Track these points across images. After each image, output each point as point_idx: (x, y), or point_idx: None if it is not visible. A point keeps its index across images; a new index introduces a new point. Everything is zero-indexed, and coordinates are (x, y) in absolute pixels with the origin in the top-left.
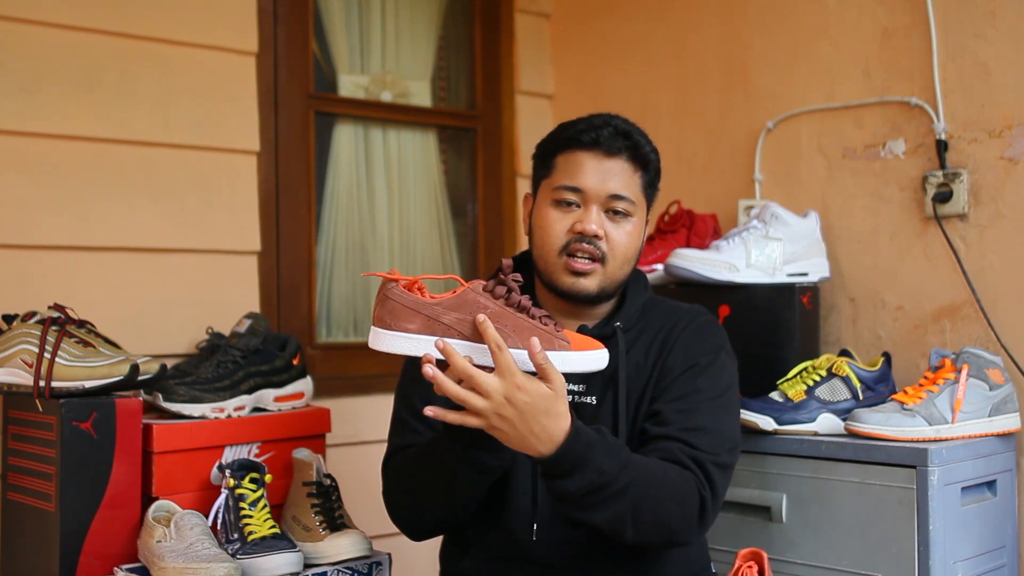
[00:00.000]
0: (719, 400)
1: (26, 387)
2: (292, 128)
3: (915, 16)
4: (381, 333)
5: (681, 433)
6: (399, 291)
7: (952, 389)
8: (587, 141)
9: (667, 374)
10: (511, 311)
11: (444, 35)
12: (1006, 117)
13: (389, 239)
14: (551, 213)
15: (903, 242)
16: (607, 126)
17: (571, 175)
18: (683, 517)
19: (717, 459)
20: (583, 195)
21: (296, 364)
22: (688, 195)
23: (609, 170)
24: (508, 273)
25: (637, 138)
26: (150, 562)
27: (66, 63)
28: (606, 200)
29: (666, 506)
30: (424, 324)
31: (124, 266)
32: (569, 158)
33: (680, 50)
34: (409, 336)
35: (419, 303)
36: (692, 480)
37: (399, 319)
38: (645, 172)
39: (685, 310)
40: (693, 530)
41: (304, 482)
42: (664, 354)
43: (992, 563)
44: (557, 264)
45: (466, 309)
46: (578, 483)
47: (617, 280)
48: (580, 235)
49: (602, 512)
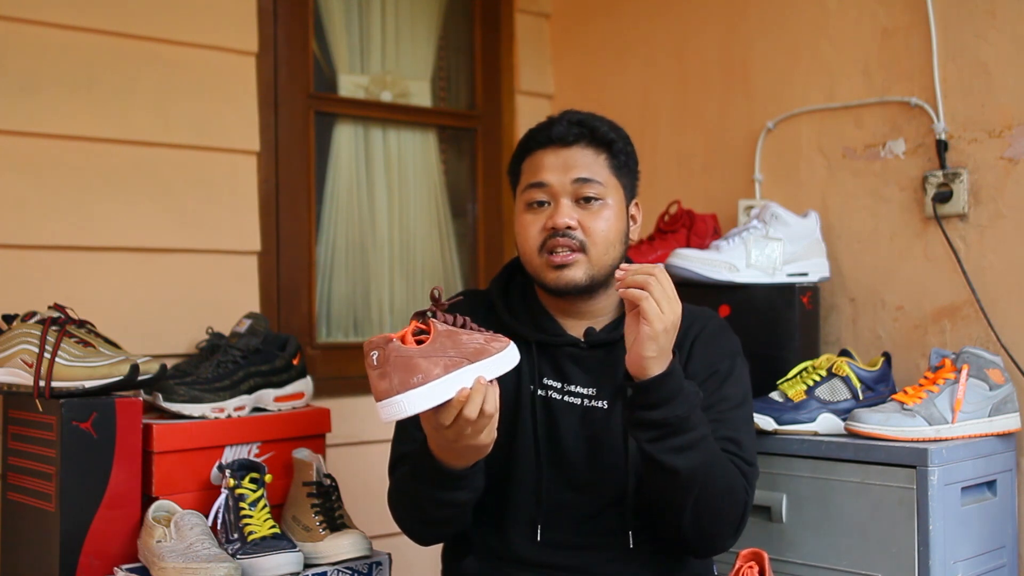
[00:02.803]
0: (743, 408)
1: (26, 387)
2: (292, 128)
3: (915, 16)
4: (411, 395)
5: (719, 443)
6: (405, 347)
7: (952, 389)
8: (543, 140)
9: (691, 380)
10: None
11: (444, 35)
12: (1006, 117)
13: (389, 239)
14: (525, 217)
15: (903, 242)
16: (561, 120)
17: (534, 173)
18: (732, 511)
19: (751, 467)
20: (550, 190)
21: (296, 364)
22: (688, 195)
23: (569, 158)
24: (441, 300)
25: (593, 123)
26: (150, 562)
27: (66, 63)
28: (573, 189)
29: (722, 492)
30: (444, 364)
31: (124, 266)
32: (532, 160)
33: (680, 50)
34: (443, 380)
35: (429, 349)
36: (741, 480)
37: (422, 371)
38: (610, 154)
39: (696, 313)
40: (732, 533)
41: (304, 482)
42: (682, 360)
43: (992, 563)
44: (540, 264)
45: (451, 338)
46: (660, 415)
47: (605, 266)
48: (554, 230)
49: (675, 457)
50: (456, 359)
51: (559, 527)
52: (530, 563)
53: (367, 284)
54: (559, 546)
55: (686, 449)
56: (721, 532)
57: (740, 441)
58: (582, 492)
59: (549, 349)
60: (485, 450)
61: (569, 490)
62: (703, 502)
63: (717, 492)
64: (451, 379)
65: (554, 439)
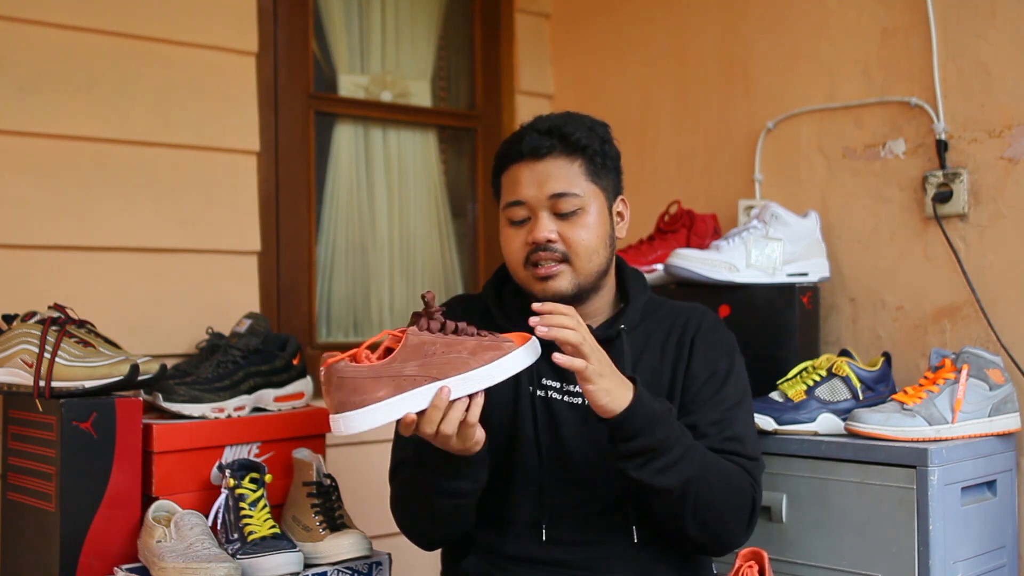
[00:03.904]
0: (743, 405)
1: (26, 387)
2: (292, 128)
3: (915, 16)
4: (353, 415)
5: (723, 444)
6: (351, 367)
7: (952, 389)
8: (514, 154)
9: (692, 381)
10: (454, 337)
11: (444, 35)
12: (1006, 117)
13: (389, 239)
14: (507, 232)
15: (903, 242)
16: (531, 131)
17: (511, 191)
18: (738, 509)
19: (755, 462)
20: (528, 206)
21: (296, 364)
22: (688, 195)
23: (543, 173)
24: (432, 305)
25: (565, 129)
26: (150, 562)
27: (66, 63)
28: (550, 203)
29: (723, 494)
30: (394, 385)
31: (124, 266)
32: (508, 175)
33: (680, 50)
34: (386, 403)
35: (378, 368)
36: (745, 477)
37: (366, 392)
38: (585, 159)
39: (690, 310)
40: (744, 529)
41: (304, 482)
42: (683, 359)
43: (992, 563)
44: (526, 277)
45: (420, 352)
46: (640, 444)
47: (591, 273)
48: (535, 244)
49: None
50: (412, 377)
51: (562, 525)
52: (534, 561)
53: (367, 284)
54: (563, 544)
55: (672, 466)
56: (730, 530)
57: (743, 438)
58: (585, 490)
59: (546, 350)
60: (476, 447)
61: (572, 489)
62: (704, 508)
63: (717, 495)
64: (396, 401)
65: (556, 439)
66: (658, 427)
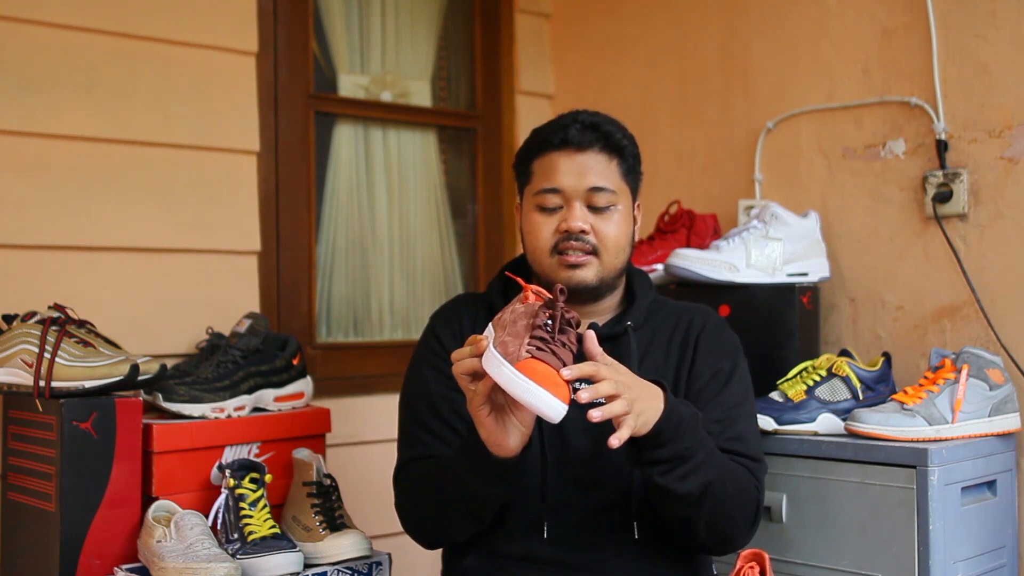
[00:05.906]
0: (746, 405)
1: (26, 387)
2: (292, 128)
3: (915, 16)
4: None
5: (726, 443)
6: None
7: (952, 389)
8: (557, 141)
9: (695, 381)
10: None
11: (444, 35)
12: (1006, 117)
13: (389, 239)
14: (536, 218)
15: (903, 242)
16: (575, 123)
17: (548, 178)
18: (744, 511)
19: (758, 463)
20: (563, 195)
21: (296, 364)
22: (688, 195)
23: (583, 165)
24: (559, 300)
25: (606, 128)
26: (150, 562)
27: (66, 63)
28: (586, 195)
29: (733, 496)
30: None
31: (124, 266)
32: (544, 162)
33: (680, 50)
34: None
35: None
36: (750, 478)
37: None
38: (621, 159)
39: (695, 310)
40: (748, 530)
41: (304, 482)
42: (687, 358)
43: (992, 563)
44: (551, 264)
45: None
46: (668, 452)
47: (615, 269)
48: (567, 233)
49: (686, 483)
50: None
51: (564, 524)
52: (535, 560)
53: (367, 284)
54: (564, 543)
55: (696, 471)
56: (736, 532)
57: (746, 439)
58: (587, 489)
59: None
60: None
61: (574, 488)
62: (716, 510)
63: (729, 498)
64: None
65: (560, 438)
66: (686, 434)
